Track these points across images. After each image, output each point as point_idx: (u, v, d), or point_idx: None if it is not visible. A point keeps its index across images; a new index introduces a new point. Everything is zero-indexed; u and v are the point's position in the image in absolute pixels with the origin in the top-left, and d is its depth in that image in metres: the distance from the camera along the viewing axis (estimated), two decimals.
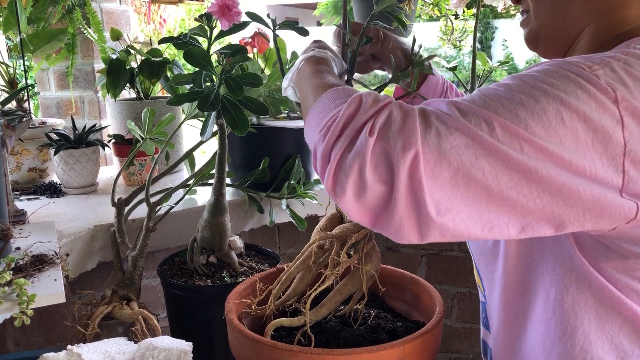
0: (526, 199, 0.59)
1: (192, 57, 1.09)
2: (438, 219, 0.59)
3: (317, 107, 0.72)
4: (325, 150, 0.64)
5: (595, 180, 0.60)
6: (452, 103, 0.62)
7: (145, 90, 1.80)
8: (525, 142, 0.58)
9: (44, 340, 1.49)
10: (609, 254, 0.68)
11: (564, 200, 0.59)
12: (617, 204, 0.61)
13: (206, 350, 1.26)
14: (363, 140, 0.60)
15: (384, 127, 0.60)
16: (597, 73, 0.61)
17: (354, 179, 0.60)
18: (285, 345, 0.84)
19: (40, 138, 1.64)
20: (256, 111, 1.15)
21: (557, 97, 0.59)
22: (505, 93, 0.61)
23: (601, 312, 0.71)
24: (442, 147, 0.58)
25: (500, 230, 0.61)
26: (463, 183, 0.58)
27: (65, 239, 1.27)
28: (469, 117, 0.60)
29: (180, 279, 1.26)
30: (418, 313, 1.05)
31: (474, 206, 0.59)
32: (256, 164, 1.50)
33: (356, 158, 0.60)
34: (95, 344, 0.96)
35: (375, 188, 0.60)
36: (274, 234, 1.79)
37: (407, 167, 0.58)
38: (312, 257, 0.98)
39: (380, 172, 0.59)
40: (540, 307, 0.76)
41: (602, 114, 0.59)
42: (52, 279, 0.99)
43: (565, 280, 0.72)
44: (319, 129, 0.67)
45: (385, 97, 0.66)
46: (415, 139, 0.58)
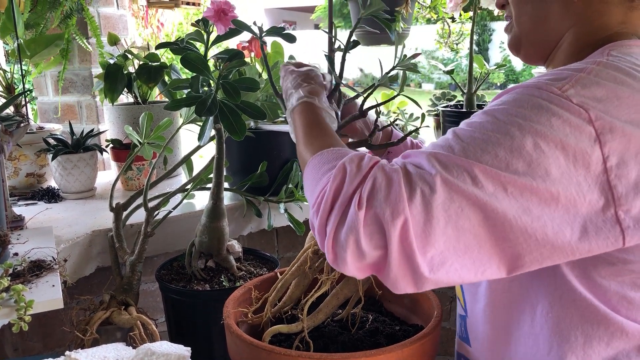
0: (512, 243, 0.60)
1: (189, 63, 1.09)
2: (431, 275, 0.61)
3: (307, 172, 0.76)
4: (320, 226, 0.67)
5: (585, 204, 0.60)
6: (432, 156, 0.63)
7: (143, 95, 1.80)
8: (509, 184, 0.59)
9: (42, 346, 1.48)
10: (596, 262, 0.68)
11: (551, 244, 0.60)
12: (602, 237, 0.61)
13: (204, 355, 1.25)
14: (353, 214, 0.63)
15: (370, 197, 0.63)
16: (568, 94, 0.62)
17: (352, 250, 0.63)
18: (284, 350, 0.84)
19: (38, 143, 1.64)
20: (253, 116, 1.15)
21: (531, 129, 0.60)
22: (481, 134, 0.62)
23: (587, 328, 0.70)
24: (429, 207, 0.60)
25: (492, 272, 0.63)
26: (453, 235, 0.60)
27: (64, 245, 1.27)
28: (450, 170, 0.61)
29: (179, 284, 1.26)
30: (416, 317, 1.05)
31: (465, 255, 0.61)
32: (254, 168, 1.50)
33: (350, 233, 0.63)
34: (93, 350, 0.96)
35: (372, 253, 0.63)
36: (272, 238, 1.79)
37: (398, 234, 0.60)
38: (307, 262, 0.98)
39: (376, 240, 0.62)
40: (528, 322, 0.76)
41: (578, 136, 0.60)
42: (50, 285, 0.99)
43: (550, 298, 0.72)
44: (311, 203, 0.70)
45: (369, 160, 0.68)
46: (402, 206, 0.60)
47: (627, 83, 0.63)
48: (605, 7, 0.75)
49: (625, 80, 0.63)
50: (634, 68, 0.65)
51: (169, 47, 1.15)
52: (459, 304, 0.92)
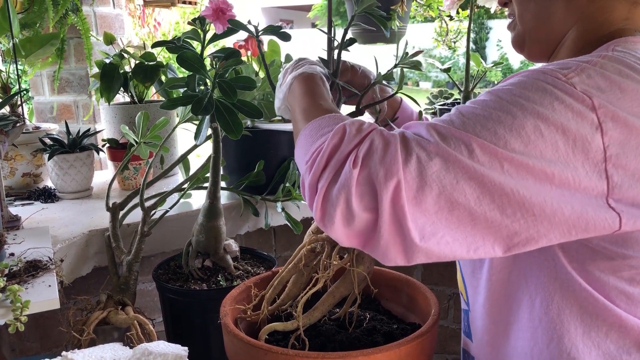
0: (510, 219, 0.60)
1: (185, 61, 1.08)
2: (422, 244, 0.61)
3: (304, 134, 0.74)
4: (312, 182, 0.66)
5: (580, 189, 0.60)
6: (431, 126, 0.63)
7: (139, 94, 1.79)
8: (506, 160, 0.59)
9: (40, 346, 1.48)
10: (594, 257, 0.69)
11: (548, 220, 0.60)
12: (599, 218, 0.61)
13: (202, 355, 1.25)
14: (347, 172, 0.62)
15: (366, 157, 0.62)
16: (573, 81, 0.62)
17: (341, 209, 0.62)
18: (281, 349, 0.84)
19: (34, 143, 1.63)
20: (250, 114, 1.14)
21: (533, 111, 0.60)
22: (483, 111, 0.62)
23: (587, 319, 0.71)
24: (423, 173, 0.59)
25: (486, 250, 0.62)
26: (446, 207, 0.60)
27: (60, 244, 1.27)
28: (448, 141, 0.61)
29: (176, 283, 1.26)
30: (414, 315, 1.04)
31: (458, 229, 0.60)
32: (251, 167, 1.50)
33: (342, 190, 0.62)
34: (90, 350, 0.96)
35: (362, 216, 0.62)
36: (269, 237, 1.79)
37: (390, 196, 0.59)
38: (303, 260, 0.97)
39: (366, 201, 0.61)
40: (526, 315, 0.76)
41: (580, 122, 0.60)
42: (47, 285, 0.98)
43: (550, 288, 0.73)
44: (305, 160, 0.69)
45: (369, 125, 0.67)
46: (396, 168, 0.60)
47: (631, 77, 0.63)
48: (608, 3, 0.75)
49: (630, 74, 0.64)
50: (638, 63, 0.65)
51: (165, 46, 1.14)
52: (462, 299, 0.93)
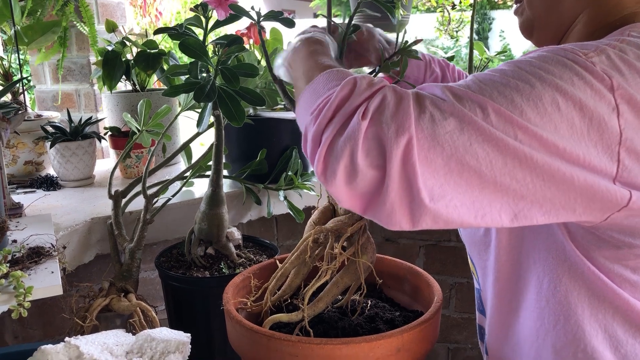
0: (519, 184, 0.59)
1: (187, 48, 1.08)
2: (431, 205, 0.58)
3: (311, 88, 0.71)
4: (317, 133, 0.63)
5: (589, 168, 0.59)
6: (447, 88, 0.61)
7: (141, 82, 1.79)
8: (520, 129, 0.58)
9: (42, 334, 1.49)
10: (601, 244, 0.68)
11: (556, 186, 0.59)
12: (609, 191, 0.60)
13: (204, 342, 1.26)
14: (355, 124, 0.59)
15: (377, 111, 0.59)
16: (593, 60, 0.61)
17: (345, 163, 0.59)
18: (284, 335, 0.84)
19: (36, 131, 1.63)
20: (253, 102, 1.14)
21: (553, 83, 0.59)
22: (501, 79, 0.61)
23: (594, 301, 0.71)
24: (436, 132, 0.57)
25: (493, 217, 0.61)
26: (456, 169, 0.58)
27: (62, 232, 1.27)
28: (464, 102, 0.59)
29: (178, 271, 1.26)
30: (416, 303, 1.05)
31: (466, 193, 0.59)
32: (253, 155, 1.50)
33: (348, 142, 0.59)
34: (93, 336, 0.96)
35: (367, 173, 0.59)
36: (272, 226, 1.79)
37: (401, 153, 0.57)
38: (307, 252, 0.97)
39: (373, 157, 0.58)
40: (533, 296, 0.76)
41: (598, 101, 0.59)
42: (49, 272, 0.98)
43: (558, 270, 0.72)
44: (310, 111, 0.66)
45: (380, 80, 0.65)
46: (409, 124, 0.57)
47: None
48: None
49: None
50: None
51: (167, 33, 1.14)
52: (474, 278, 0.93)
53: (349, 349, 0.81)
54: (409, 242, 1.96)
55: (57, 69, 2.03)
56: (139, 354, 0.93)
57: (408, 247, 1.96)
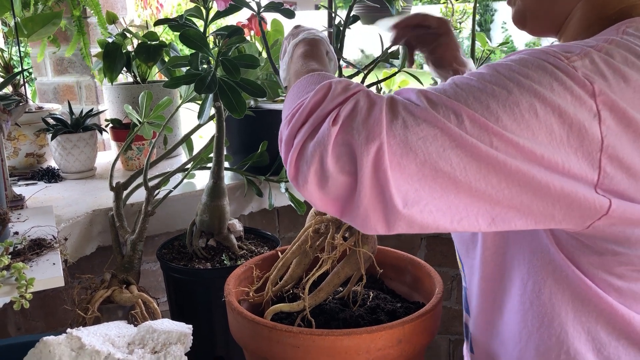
0: (494, 189, 0.58)
1: (188, 39, 1.08)
2: (405, 211, 0.58)
3: (291, 92, 0.72)
4: (289, 136, 0.63)
5: (568, 175, 0.58)
6: (422, 93, 0.61)
7: (142, 74, 1.78)
8: (495, 136, 0.57)
9: (45, 325, 1.49)
10: (585, 250, 0.67)
11: (533, 192, 0.58)
12: (587, 200, 0.59)
13: (206, 333, 1.26)
14: (326, 130, 0.60)
15: (348, 117, 0.60)
16: (575, 65, 0.59)
17: (315, 168, 0.59)
18: (285, 327, 0.84)
19: (37, 123, 1.63)
20: (253, 93, 1.14)
21: (531, 89, 0.58)
22: (478, 83, 0.60)
23: (578, 304, 0.69)
24: (409, 138, 0.57)
25: (470, 222, 0.60)
26: (430, 175, 0.57)
27: (64, 224, 1.27)
28: (438, 108, 0.58)
29: (180, 263, 1.26)
30: (418, 294, 1.05)
31: (442, 198, 0.59)
32: (254, 147, 1.50)
33: (317, 147, 0.59)
34: (95, 328, 0.96)
35: (338, 179, 0.59)
36: (273, 218, 1.79)
37: (371, 159, 0.57)
38: (308, 241, 0.97)
39: (343, 163, 0.59)
40: (517, 297, 0.75)
41: (578, 107, 0.57)
42: (51, 263, 0.98)
43: (543, 272, 0.71)
44: (286, 114, 0.66)
45: (356, 85, 0.65)
46: (379, 130, 0.57)
47: (637, 66, 0.60)
48: None
49: (636, 63, 0.60)
50: None
51: (168, 24, 1.13)
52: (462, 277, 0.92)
53: (351, 340, 0.81)
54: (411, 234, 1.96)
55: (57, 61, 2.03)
56: (141, 345, 0.93)
57: (409, 239, 1.96)
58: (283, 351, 0.84)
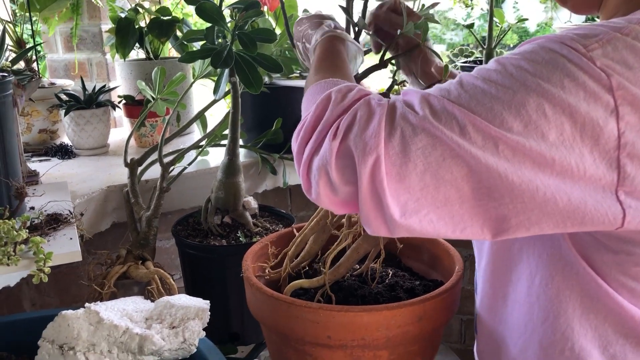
0: (497, 203, 0.56)
1: (204, 12, 1.06)
2: (402, 220, 0.58)
3: (304, 100, 0.75)
4: (298, 152, 0.66)
5: (584, 178, 0.54)
6: (424, 98, 0.59)
7: (154, 50, 1.77)
8: (500, 141, 0.54)
9: (59, 301, 1.50)
10: (599, 248, 0.64)
11: (540, 208, 0.55)
12: (599, 212, 0.55)
13: (221, 310, 1.26)
14: (327, 145, 0.61)
15: (348, 129, 0.60)
16: (593, 54, 0.54)
17: (324, 182, 0.62)
18: (305, 302, 0.83)
19: (50, 99, 1.62)
20: (270, 68, 1.12)
21: (539, 87, 0.54)
22: (483, 83, 0.57)
23: (587, 301, 0.67)
24: (407, 149, 0.57)
25: (474, 232, 0.59)
26: (432, 185, 0.57)
27: (79, 199, 1.27)
28: (439, 115, 0.57)
29: (195, 239, 1.26)
30: (436, 272, 1.04)
31: (445, 207, 0.57)
32: (269, 125, 1.48)
33: (322, 162, 0.61)
34: (112, 302, 0.96)
35: (344, 189, 0.61)
36: (285, 197, 1.78)
37: (368, 171, 0.58)
38: (328, 216, 0.97)
39: (347, 175, 0.60)
40: (524, 289, 0.74)
41: (592, 104, 0.53)
42: (68, 238, 0.98)
43: (552, 267, 0.69)
44: (298, 127, 0.68)
45: (357, 92, 0.64)
46: (376, 143, 0.57)
47: None
48: None
49: None
50: None
51: None
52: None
53: (371, 316, 0.81)
54: None
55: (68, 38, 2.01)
56: (159, 320, 0.93)
57: None
58: (302, 327, 0.84)
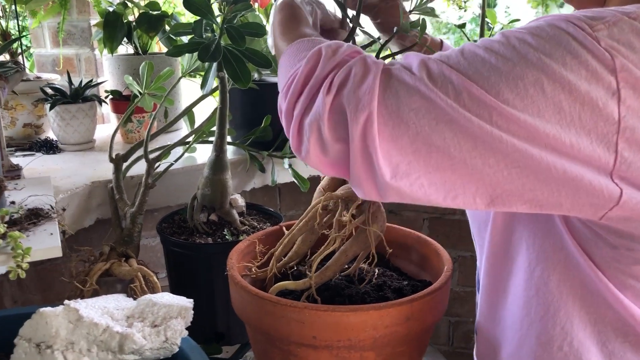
0: (492, 169, 0.54)
1: (192, 5, 1.04)
2: (392, 182, 0.57)
3: (282, 61, 0.71)
4: (287, 110, 0.63)
5: (578, 159, 0.53)
6: (423, 62, 0.58)
7: (143, 45, 1.74)
8: (495, 110, 0.53)
9: (41, 298, 1.47)
10: (598, 242, 0.63)
11: (534, 175, 0.54)
12: (594, 187, 0.54)
13: (206, 309, 1.24)
14: (320, 100, 0.59)
15: (342, 85, 0.59)
16: (599, 35, 0.53)
17: (315, 137, 0.60)
18: (290, 302, 0.82)
19: (36, 93, 1.59)
20: (259, 64, 1.10)
21: (539, 62, 0.53)
22: (485, 53, 0.56)
23: (587, 295, 0.66)
24: (401, 109, 0.55)
25: (466, 199, 0.57)
26: (424, 149, 0.55)
27: (62, 195, 1.24)
28: (436, 79, 0.55)
29: (180, 237, 1.23)
30: (425, 272, 1.02)
31: (437, 172, 0.56)
32: (257, 122, 1.46)
33: (314, 118, 0.59)
34: (93, 300, 0.94)
35: (335, 146, 0.59)
36: (274, 195, 1.76)
37: (360, 128, 0.56)
38: (317, 218, 0.95)
39: (339, 131, 0.58)
40: (522, 283, 0.72)
41: (593, 84, 0.52)
42: (49, 233, 0.96)
43: (553, 259, 0.68)
44: (281, 87, 0.66)
45: (348, 48, 0.63)
46: (370, 99, 0.56)
47: None
48: None
49: None
50: None
51: None
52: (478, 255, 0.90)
53: (357, 316, 0.79)
54: (413, 214, 1.94)
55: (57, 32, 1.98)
56: (140, 319, 0.91)
57: (412, 219, 1.94)
58: (287, 326, 0.82)
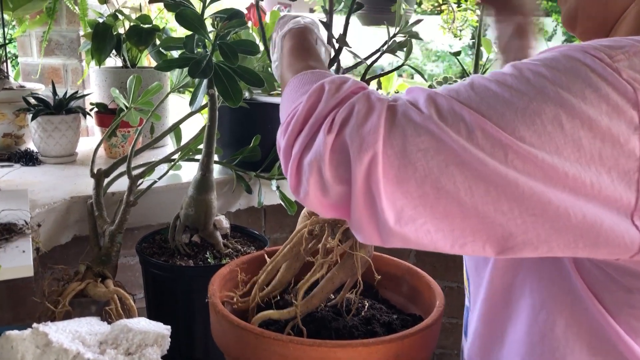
0: (505, 217, 0.50)
1: (184, 19, 1.00)
2: (397, 227, 0.53)
3: (285, 94, 0.68)
4: (287, 146, 0.59)
5: (598, 199, 0.50)
6: (431, 98, 0.54)
7: (132, 58, 1.70)
8: (511, 149, 0.49)
9: (12, 317, 1.40)
10: (611, 286, 0.59)
11: (550, 223, 0.50)
12: (615, 233, 0.51)
13: (184, 335, 1.18)
14: (321, 139, 0.55)
15: (344, 123, 0.55)
16: (619, 65, 0.50)
17: (315, 179, 0.56)
18: (274, 334, 0.77)
19: (18, 102, 1.54)
20: (251, 82, 1.07)
21: (557, 96, 0.50)
22: (497, 87, 0.52)
23: (595, 342, 0.62)
24: (408, 149, 0.51)
25: (475, 248, 0.53)
26: (432, 193, 0.51)
27: (39, 209, 1.19)
28: (446, 117, 0.51)
29: (160, 258, 1.18)
30: (414, 306, 0.98)
31: (445, 219, 0.52)
32: (246, 141, 1.42)
33: (315, 158, 0.56)
34: (64, 323, 0.88)
35: (336, 188, 0.55)
36: (259, 217, 1.72)
37: (364, 170, 0.52)
38: (302, 243, 0.90)
39: (341, 172, 0.54)
40: (524, 328, 0.68)
41: (614, 119, 0.49)
42: (20, 250, 0.91)
43: (560, 303, 0.64)
44: (281, 122, 0.63)
45: (353, 83, 0.59)
46: (374, 139, 0.52)
47: None
48: None
49: None
50: None
51: (163, 2, 1.06)
52: (467, 295, 0.85)
53: (345, 352, 0.74)
54: None
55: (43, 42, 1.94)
56: (114, 345, 0.86)
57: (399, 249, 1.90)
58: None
